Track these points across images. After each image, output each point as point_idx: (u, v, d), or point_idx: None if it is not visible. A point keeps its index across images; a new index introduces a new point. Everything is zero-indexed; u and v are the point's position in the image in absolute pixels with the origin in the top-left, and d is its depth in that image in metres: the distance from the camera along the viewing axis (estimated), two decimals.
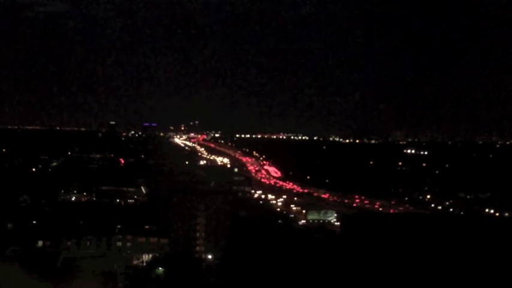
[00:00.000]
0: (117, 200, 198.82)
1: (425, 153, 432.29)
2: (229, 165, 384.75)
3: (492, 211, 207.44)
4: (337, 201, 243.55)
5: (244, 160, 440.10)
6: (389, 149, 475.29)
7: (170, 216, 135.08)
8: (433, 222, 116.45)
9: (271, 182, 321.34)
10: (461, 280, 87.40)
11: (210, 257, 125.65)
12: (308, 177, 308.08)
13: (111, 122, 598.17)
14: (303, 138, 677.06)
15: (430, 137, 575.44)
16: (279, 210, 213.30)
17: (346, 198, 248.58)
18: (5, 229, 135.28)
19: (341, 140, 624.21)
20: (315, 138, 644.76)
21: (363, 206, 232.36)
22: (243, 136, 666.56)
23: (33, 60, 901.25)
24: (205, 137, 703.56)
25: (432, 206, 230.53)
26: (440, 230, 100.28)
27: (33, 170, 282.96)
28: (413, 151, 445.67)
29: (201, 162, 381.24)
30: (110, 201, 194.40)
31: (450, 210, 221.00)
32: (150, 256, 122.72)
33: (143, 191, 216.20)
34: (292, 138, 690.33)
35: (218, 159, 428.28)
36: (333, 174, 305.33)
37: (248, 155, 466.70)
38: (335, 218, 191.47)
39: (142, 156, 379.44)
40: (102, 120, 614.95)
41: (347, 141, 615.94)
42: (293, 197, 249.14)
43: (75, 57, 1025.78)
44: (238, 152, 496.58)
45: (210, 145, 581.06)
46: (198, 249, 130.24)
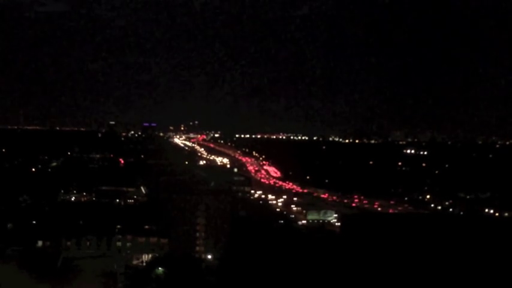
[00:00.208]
0: (117, 200, 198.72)
1: (425, 153, 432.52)
2: (229, 165, 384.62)
3: (492, 211, 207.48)
4: (337, 201, 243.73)
5: (244, 160, 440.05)
6: (389, 149, 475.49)
7: (170, 216, 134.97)
8: (433, 222, 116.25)
9: (271, 182, 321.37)
10: (461, 280, 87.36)
11: (210, 257, 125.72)
12: (308, 177, 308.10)
13: (111, 122, 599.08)
14: (303, 138, 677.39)
15: (430, 137, 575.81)
16: (279, 211, 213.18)
17: (346, 198, 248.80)
18: (5, 229, 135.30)
19: (341, 140, 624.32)
20: (315, 138, 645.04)
21: (362, 206, 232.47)
22: (243, 136, 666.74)
23: (33, 60, 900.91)
24: (204, 137, 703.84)
25: (432, 206, 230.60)
26: (440, 230, 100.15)
27: (33, 170, 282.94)
28: (413, 151, 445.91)
29: (201, 162, 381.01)
30: (109, 201, 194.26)
31: (450, 210, 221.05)
32: (150, 256, 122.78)
33: (143, 191, 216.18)
34: (292, 138, 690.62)
35: (218, 159, 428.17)
36: (332, 174, 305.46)
37: (248, 155, 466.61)
38: (335, 218, 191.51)
39: (142, 156, 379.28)
40: (102, 120, 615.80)
41: (347, 141, 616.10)
42: (293, 197, 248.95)
43: (75, 57, 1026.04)
44: (238, 152, 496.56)
45: (210, 145, 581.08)
46: (198, 249, 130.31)
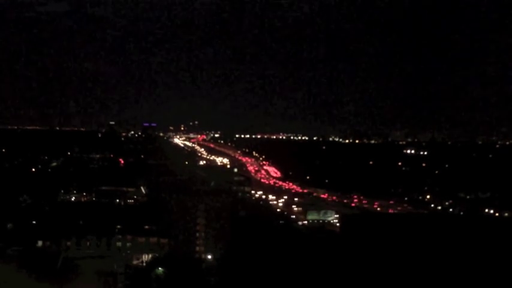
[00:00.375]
0: (117, 200, 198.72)
1: (425, 153, 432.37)
2: (229, 165, 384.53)
3: (492, 211, 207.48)
4: (336, 201, 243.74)
5: (244, 160, 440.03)
6: (389, 149, 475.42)
7: (170, 216, 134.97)
8: (433, 222, 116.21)
9: (271, 182, 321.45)
10: (461, 280, 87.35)
11: (210, 257, 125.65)
12: (308, 177, 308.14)
13: (111, 122, 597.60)
14: (303, 138, 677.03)
15: (430, 137, 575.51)
16: (279, 211, 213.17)
17: (345, 198, 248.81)
18: (5, 229, 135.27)
19: (341, 140, 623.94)
20: (315, 138, 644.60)
21: (362, 206, 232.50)
22: (243, 136, 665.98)
23: (33, 60, 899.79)
24: (204, 137, 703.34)
25: (432, 206, 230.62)
26: (441, 230, 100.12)
27: (33, 170, 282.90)
28: (413, 151, 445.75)
29: (201, 163, 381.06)
30: (109, 201, 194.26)
31: (450, 210, 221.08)
32: (150, 256, 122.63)
33: (143, 191, 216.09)
34: (292, 138, 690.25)
35: (218, 160, 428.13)
36: (332, 174, 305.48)
37: (248, 155, 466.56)
38: (335, 218, 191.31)
39: (142, 156, 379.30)
40: (102, 120, 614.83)
41: (347, 141, 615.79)
42: (294, 197, 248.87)
43: (75, 57, 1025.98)
44: (238, 152, 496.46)
45: (210, 145, 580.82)
46: (198, 249, 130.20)
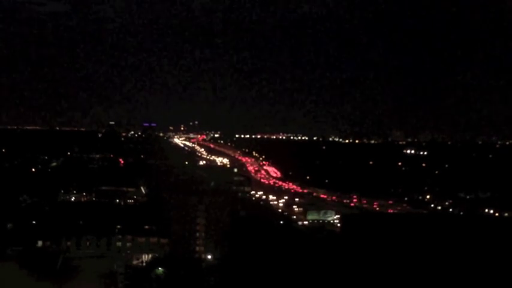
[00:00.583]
0: (117, 200, 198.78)
1: (425, 153, 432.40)
2: (228, 165, 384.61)
3: (492, 211, 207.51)
4: (336, 201, 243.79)
5: (243, 160, 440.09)
6: (389, 149, 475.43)
7: (170, 216, 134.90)
8: (434, 222, 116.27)
9: (271, 182, 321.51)
10: (461, 280, 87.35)
11: (210, 257, 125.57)
12: (308, 177, 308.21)
13: (111, 122, 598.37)
14: (303, 138, 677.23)
15: (430, 137, 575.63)
16: (280, 211, 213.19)
17: (345, 198, 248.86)
18: (5, 229, 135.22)
19: (341, 140, 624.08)
20: (315, 138, 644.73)
21: (361, 206, 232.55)
22: (243, 136, 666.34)
23: (33, 60, 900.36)
24: (204, 137, 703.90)
25: (432, 206, 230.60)
26: (441, 230, 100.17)
27: (33, 170, 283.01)
28: (413, 151, 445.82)
29: (201, 163, 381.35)
30: (109, 201, 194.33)
31: (450, 210, 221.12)
32: (150, 256, 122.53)
33: (143, 191, 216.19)
34: (291, 138, 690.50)
35: (218, 160, 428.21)
36: (332, 174, 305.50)
37: (248, 155, 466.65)
38: (335, 218, 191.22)
39: (142, 156, 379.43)
40: (102, 120, 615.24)
41: (347, 141, 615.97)
42: (294, 197, 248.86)
43: (75, 57, 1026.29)
44: (238, 152, 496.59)
45: (210, 145, 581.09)
46: (198, 249, 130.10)
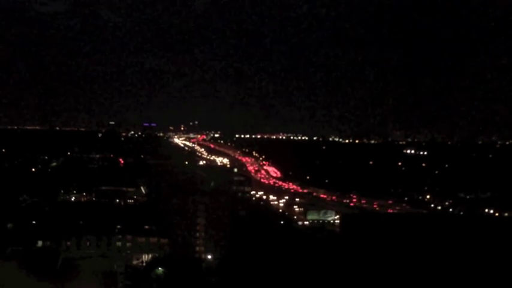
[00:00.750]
0: (117, 200, 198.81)
1: (425, 153, 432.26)
2: (228, 165, 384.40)
3: (492, 211, 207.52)
4: (336, 201, 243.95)
5: (243, 160, 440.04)
6: (389, 149, 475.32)
7: (170, 216, 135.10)
8: (434, 222, 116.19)
9: (271, 182, 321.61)
10: (461, 280, 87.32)
11: (210, 257, 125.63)
12: (308, 177, 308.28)
13: (111, 122, 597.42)
14: (303, 138, 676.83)
15: (430, 137, 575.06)
16: (281, 211, 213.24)
17: (345, 198, 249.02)
18: (5, 229, 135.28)
19: (341, 140, 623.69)
20: (315, 138, 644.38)
21: (361, 205, 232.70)
22: (243, 136, 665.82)
23: (33, 60, 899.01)
24: (204, 137, 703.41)
25: (432, 206, 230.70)
26: (441, 229, 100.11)
27: (33, 170, 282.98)
28: (413, 151, 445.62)
29: (201, 163, 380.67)
30: (109, 201, 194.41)
31: (450, 210, 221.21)
32: (150, 256, 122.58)
33: (143, 191, 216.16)
34: (292, 138, 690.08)
35: (218, 160, 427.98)
36: (332, 174, 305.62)
37: (248, 155, 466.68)
38: (335, 217, 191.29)
39: (142, 156, 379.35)
40: (102, 120, 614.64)
41: (347, 141, 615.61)
42: (294, 197, 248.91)
43: (75, 57, 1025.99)
44: (238, 152, 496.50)
45: (210, 145, 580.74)
46: (198, 249, 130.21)
